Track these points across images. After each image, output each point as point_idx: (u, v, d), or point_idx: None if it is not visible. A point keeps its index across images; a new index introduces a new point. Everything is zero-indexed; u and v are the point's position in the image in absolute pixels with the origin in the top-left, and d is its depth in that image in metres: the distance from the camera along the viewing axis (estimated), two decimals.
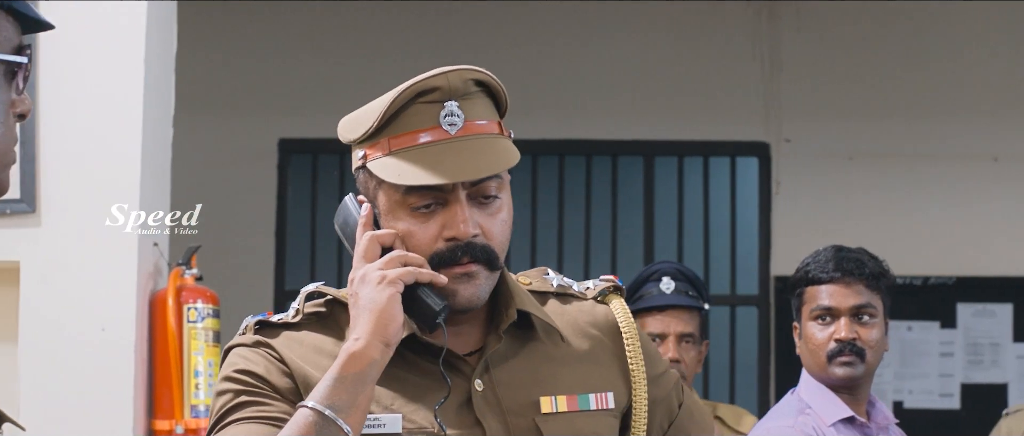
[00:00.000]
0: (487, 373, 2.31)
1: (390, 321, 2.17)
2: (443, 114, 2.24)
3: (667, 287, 4.53)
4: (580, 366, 2.38)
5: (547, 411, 2.30)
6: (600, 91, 7.74)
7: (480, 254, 2.25)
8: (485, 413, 2.27)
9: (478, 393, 2.28)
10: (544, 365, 2.35)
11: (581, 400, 2.34)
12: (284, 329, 2.32)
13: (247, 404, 2.24)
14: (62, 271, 4.60)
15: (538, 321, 2.36)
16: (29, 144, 4.55)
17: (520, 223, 7.91)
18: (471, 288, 2.25)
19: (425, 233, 2.24)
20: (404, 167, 2.21)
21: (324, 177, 7.90)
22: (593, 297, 2.48)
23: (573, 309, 2.45)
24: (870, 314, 3.73)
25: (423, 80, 2.25)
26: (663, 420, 2.48)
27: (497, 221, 2.28)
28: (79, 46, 4.63)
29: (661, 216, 7.91)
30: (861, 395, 3.76)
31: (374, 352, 2.15)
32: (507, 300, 2.34)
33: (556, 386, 2.33)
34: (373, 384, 2.17)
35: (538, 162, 7.92)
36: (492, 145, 2.27)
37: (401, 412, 2.25)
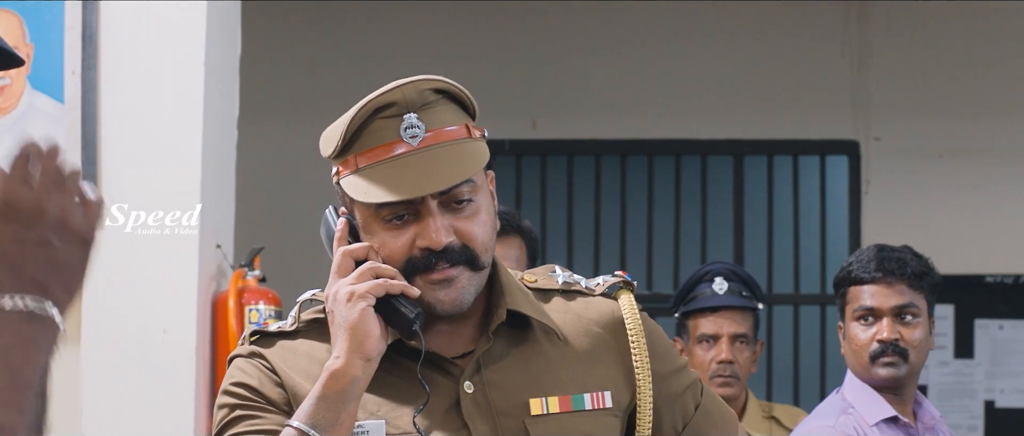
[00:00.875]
0: (478, 374, 2.26)
1: (366, 337, 2.15)
2: (403, 127, 2.21)
3: (719, 288, 4.45)
4: (578, 365, 2.32)
5: (537, 413, 2.26)
6: (689, 91, 7.60)
7: (458, 257, 2.21)
8: (473, 416, 2.23)
9: (467, 395, 2.25)
10: (539, 365, 2.30)
11: (575, 400, 2.28)
12: (280, 338, 2.31)
13: (242, 418, 2.23)
14: (124, 273, 4.52)
15: (535, 320, 2.31)
16: (91, 147, 4.49)
17: (609, 223, 7.80)
18: (453, 292, 2.22)
19: (398, 243, 2.21)
20: (371, 184, 2.20)
21: None
22: (601, 293, 2.41)
23: (578, 306, 2.38)
24: (913, 314, 3.65)
25: (377, 97, 2.22)
26: (676, 420, 2.40)
27: (475, 222, 2.23)
28: (140, 48, 4.58)
29: (750, 216, 7.77)
30: (906, 395, 3.68)
31: (354, 370, 2.13)
32: (498, 300, 2.30)
33: (549, 387, 2.28)
34: (357, 400, 2.15)
35: (627, 162, 7.81)
36: (457, 152, 2.23)
37: (386, 417, 2.22)
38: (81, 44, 4.51)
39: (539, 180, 7.83)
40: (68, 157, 1.71)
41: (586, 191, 7.81)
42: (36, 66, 4.53)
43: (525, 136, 7.71)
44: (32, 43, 4.54)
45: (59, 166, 1.68)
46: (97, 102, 4.53)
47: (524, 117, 7.67)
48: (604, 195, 7.81)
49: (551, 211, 7.81)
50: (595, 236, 7.82)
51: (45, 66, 4.53)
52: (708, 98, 7.62)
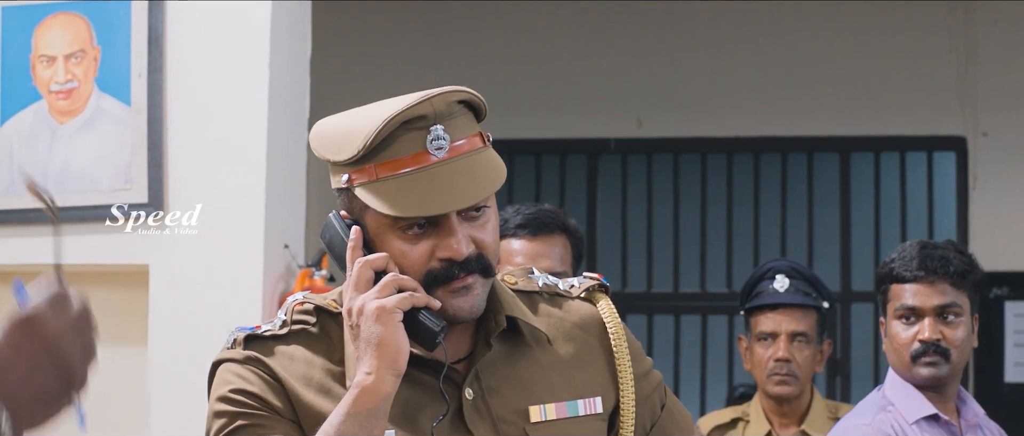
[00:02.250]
0: (477, 381, 2.20)
1: (398, 353, 2.07)
2: (430, 139, 2.11)
3: (780, 285, 4.27)
4: (568, 371, 2.27)
5: (536, 420, 2.21)
6: (796, 87, 7.39)
7: (475, 266, 2.15)
8: (475, 422, 2.17)
9: (468, 402, 2.18)
10: (533, 371, 2.24)
11: (569, 406, 2.24)
12: (275, 343, 2.20)
13: (246, 427, 2.14)
14: (190, 274, 4.44)
15: (525, 326, 2.25)
16: (156, 148, 4.40)
17: (715, 221, 7.59)
18: (470, 300, 2.16)
19: (417, 254, 2.14)
20: (394, 196, 2.11)
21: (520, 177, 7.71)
22: (578, 296, 2.36)
23: (560, 310, 2.33)
24: (955, 313, 3.47)
25: (409, 108, 2.10)
26: (646, 420, 2.36)
27: (488, 231, 2.17)
28: (205, 50, 4.48)
29: (857, 213, 7.50)
30: (948, 393, 3.50)
31: (387, 386, 2.06)
32: (496, 306, 2.23)
33: (545, 394, 2.23)
34: (386, 417, 2.08)
35: (733, 160, 7.57)
36: (480, 164, 2.15)
37: (395, 428, 2.14)
38: (147, 47, 4.44)
39: (645, 179, 7.64)
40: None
41: (692, 189, 7.61)
42: (103, 69, 4.46)
43: (630, 135, 7.53)
44: (99, 46, 4.46)
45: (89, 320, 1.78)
46: (163, 104, 4.45)
47: (629, 116, 7.51)
48: (710, 193, 7.59)
49: (657, 209, 7.61)
50: (701, 234, 7.63)
51: (112, 69, 4.46)
52: (814, 95, 7.39)
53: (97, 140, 4.45)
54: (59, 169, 4.46)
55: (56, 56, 4.49)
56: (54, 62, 4.49)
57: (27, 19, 4.51)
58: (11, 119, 4.50)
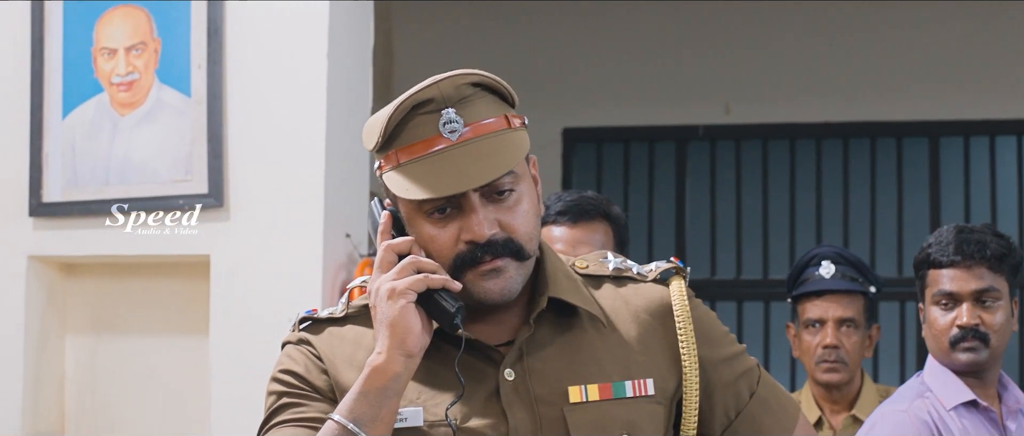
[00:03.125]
0: (520, 362, 2.16)
1: (407, 334, 2.06)
2: (442, 122, 2.11)
3: (826, 271, 4.18)
4: (623, 352, 2.21)
5: (576, 401, 2.15)
6: (884, 72, 7.19)
7: (503, 249, 2.11)
8: (512, 403, 2.13)
9: (508, 383, 2.15)
10: (582, 353, 2.20)
11: (616, 388, 2.17)
12: (329, 325, 2.23)
13: (288, 406, 2.16)
14: (251, 264, 4.41)
15: (581, 308, 2.21)
16: (217, 140, 4.35)
17: (804, 206, 7.41)
18: (500, 282, 2.12)
19: (444, 238, 2.12)
20: (412, 179, 2.10)
21: (609, 165, 7.52)
22: (653, 279, 2.29)
23: (627, 293, 2.27)
24: (993, 298, 3.35)
25: (415, 94, 2.11)
26: (728, 408, 2.27)
27: (516, 213, 2.12)
28: (264, 42, 4.43)
29: (947, 197, 7.28)
30: (988, 378, 3.39)
31: (396, 366, 2.05)
32: (542, 288, 2.20)
33: (591, 374, 2.17)
34: (398, 396, 2.07)
35: (822, 145, 7.40)
36: (497, 144, 2.12)
37: (425, 405, 2.15)
38: (207, 39, 4.39)
39: (734, 165, 7.47)
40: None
41: (781, 176, 7.43)
42: (164, 61, 4.43)
43: (719, 121, 7.37)
44: (159, 38, 4.42)
45: None
46: (223, 95, 4.40)
47: (717, 102, 7.35)
48: (798, 179, 7.40)
49: (746, 196, 7.44)
50: (790, 221, 7.44)
51: (172, 61, 4.42)
52: (903, 79, 7.20)
53: (157, 132, 4.40)
54: (120, 161, 4.42)
55: (117, 49, 4.45)
56: (115, 54, 4.45)
57: (88, 13, 4.48)
58: (73, 112, 4.48)
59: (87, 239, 4.47)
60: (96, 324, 4.61)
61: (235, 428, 4.35)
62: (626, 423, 2.16)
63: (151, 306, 4.57)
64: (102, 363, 4.59)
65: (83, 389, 4.61)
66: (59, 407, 4.61)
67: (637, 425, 2.17)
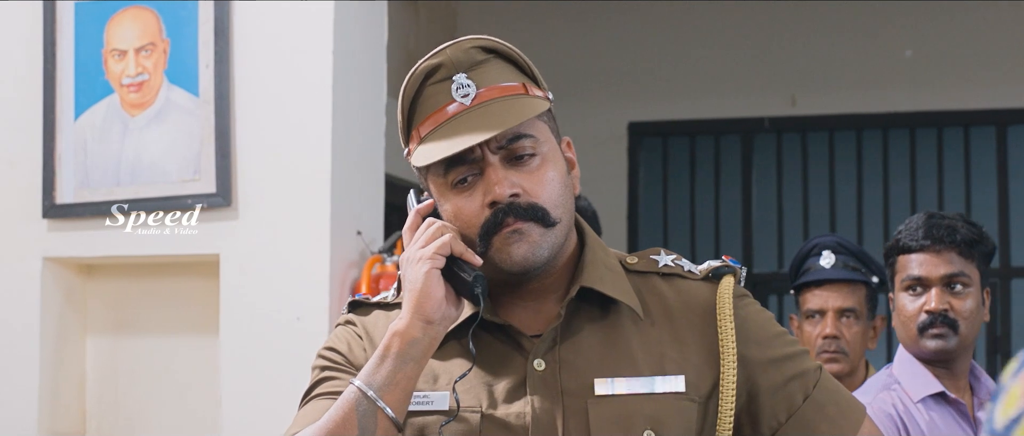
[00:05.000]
0: (552, 352, 2.06)
1: (426, 298, 1.97)
2: (454, 88, 2.03)
3: (826, 261, 3.97)
4: (658, 347, 2.08)
5: (601, 393, 2.04)
6: (951, 61, 6.89)
7: (525, 212, 2.00)
8: (538, 392, 2.03)
9: (536, 373, 2.04)
10: (616, 346, 2.07)
11: (645, 383, 2.04)
12: (377, 308, 2.18)
13: (327, 380, 2.09)
14: (259, 262, 4.27)
15: (620, 301, 2.09)
16: (224, 139, 4.21)
17: (871, 198, 7.09)
18: (525, 246, 2.01)
19: (470, 206, 2.02)
20: (430, 148, 2.02)
21: (675, 159, 7.26)
22: (703, 277, 2.15)
23: (673, 289, 2.14)
24: (963, 283, 3.15)
25: (425, 61, 2.05)
26: (777, 411, 2.10)
27: (539, 178, 2.02)
28: (271, 39, 4.29)
29: (1015, 186, 6.92)
30: (958, 369, 3.19)
31: (414, 331, 1.97)
32: (577, 277, 2.09)
33: (621, 368, 2.05)
34: (416, 362, 1.98)
35: (889, 135, 7.10)
36: (510, 105, 2.03)
37: (453, 390, 2.06)
38: (214, 38, 4.25)
39: (800, 157, 7.18)
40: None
41: (847, 166, 7.12)
42: (172, 61, 4.30)
43: (784, 113, 7.08)
44: (168, 38, 4.29)
45: None
46: (230, 94, 4.27)
47: (783, 94, 7.07)
48: (866, 170, 7.09)
49: (812, 188, 7.15)
50: (857, 211, 7.15)
51: (181, 61, 4.29)
52: (970, 68, 6.89)
53: (167, 131, 4.28)
54: (131, 161, 4.31)
55: (127, 50, 4.34)
56: (125, 56, 4.33)
57: (99, 14, 4.37)
58: (85, 113, 4.37)
59: (100, 240, 4.36)
60: (115, 324, 4.51)
61: (245, 425, 4.22)
62: (651, 419, 2.03)
63: (167, 305, 4.46)
64: (121, 362, 4.49)
65: (104, 389, 4.51)
66: (80, 407, 4.51)
67: (663, 422, 2.03)
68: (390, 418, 1.96)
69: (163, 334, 4.45)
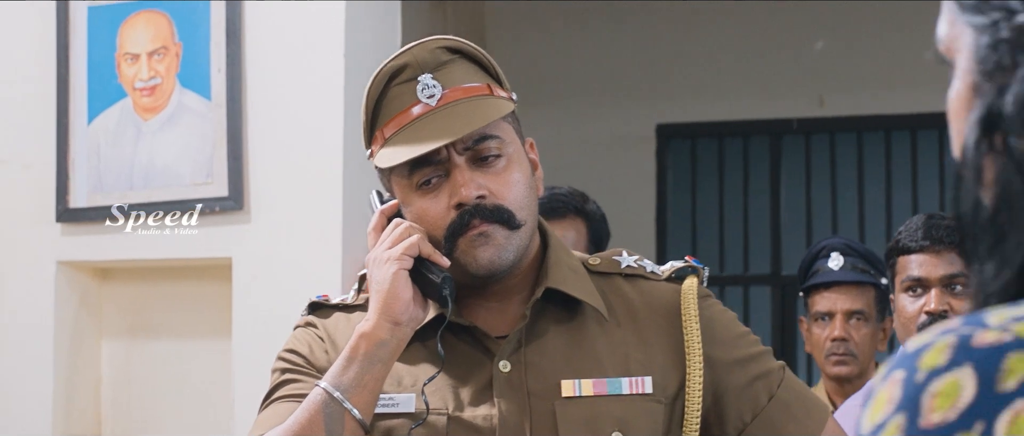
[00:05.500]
0: (517, 353, 2.05)
1: (394, 299, 1.96)
2: (420, 88, 2.02)
3: (835, 263, 3.96)
4: (624, 349, 2.08)
5: (568, 395, 2.03)
6: None
7: (491, 214, 2.01)
8: (504, 395, 2.02)
9: (502, 374, 2.04)
10: (581, 347, 2.07)
11: (611, 384, 2.04)
12: (338, 310, 2.18)
13: (289, 382, 2.11)
14: (271, 265, 4.24)
15: (586, 302, 2.09)
16: (236, 142, 4.16)
17: (901, 200, 6.98)
18: (490, 250, 2.01)
19: (436, 207, 2.02)
20: (396, 150, 2.02)
21: (703, 161, 7.18)
22: (666, 278, 2.16)
23: (637, 290, 2.14)
24: (963, 284, 3.09)
25: (391, 61, 2.05)
26: (743, 411, 2.10)
27: (505, 180, 2.02)
28: (282, 41, 4.24)
29: None
30: None
31: (381, 332, 1.96)
32: (541, 279, 2.09)
33: (587, 369, 2.05)
34: (383, 364, 1.97)
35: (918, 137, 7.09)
36: (476, 106, 2.02)
37: (418, 392, 2.05)
38: (226, 41, 4.20)
39: (828, 158, 7.08)
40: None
41: (876, 168, 7.02)
42: (185, 65, 4.26)
43: (813, 114, 6.99)
44: (180, 42, 4.24)
45: None
46: (243, 98, 4.22)
47: (811, 95, 6.97)
48: (895, 171, 6.99)
49: (841, 190, 7.05)
50: (887, 213, 7.04)
51: (193, 64, 4.25)
52: None
53: (180, 135, 4.24)
54: (144, 165, 4.27)
55: (140, 53, 4.29)
56: (138, 59, 4.29)
57: (112, 18, 4.33)
58: (98, 117, 4.33)
59: (114, 243, 4.32)
60: (130, 328, 4.47)
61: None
62: (618, 420, 2.02)
63: (181, 309, 4.42)
64: (136, 366, 4.45)
65: (118, 392, 4.47)
66: (95, 410, 4.47)
67: (630, 423, 2.03)
68: (357, 420, 1.94)
69: (178, 338, 4.41)
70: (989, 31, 0.98)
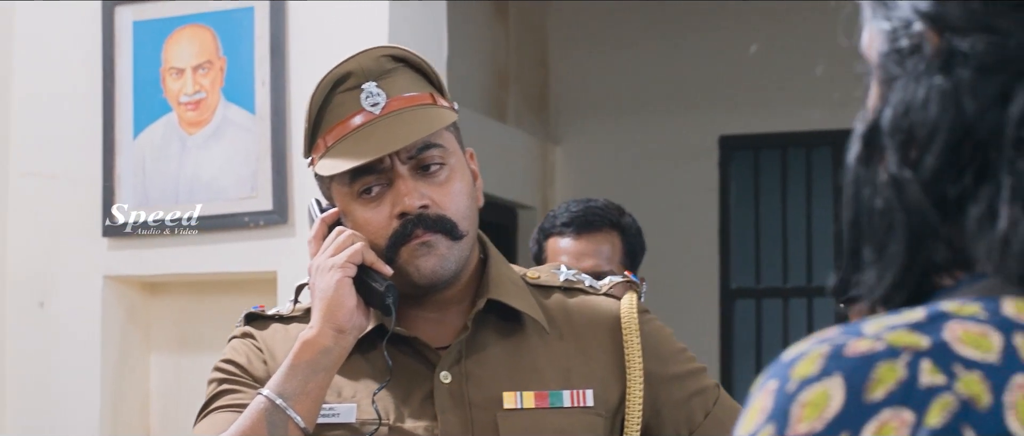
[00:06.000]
0: (458, 365, 2.03)
1: (338, 307, 1.94)
2: (363, 96, 2.00)
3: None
4: (565, 362, 2.06)
5: (510, 406, 2.02)
6: None
7: (434, 224, 1.99)
8: (445, 406, 2.01)
9: (442, 385, 2.02)
10: (523, 359, 2.06)
11: (553, 397, 2.03)
12: (275, 321, 2.13)
13: (227, 393, 2.06)
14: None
15: (526, 315, 2.07)
16: (280, 156, 4.14)
17: None
18: (433, 259, 1.99)
19: (378, 217, 2.00)
20: (338, 158, 2.00)
21: (766, 172, 7.06)
22: (605, 293, 2.15)
23: (577, 304, 2.13)
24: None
25: (335, 69, 2.03)
26: (679, 427, 2.10)
27: (446, 191, 2.00)
28: (325, 54, 4.09)
29: None
30: None
31: (325, 339, 1.93)
32: (483, 290, 2.07)
33: (528, 382, 2.04)
34: (327, 372, 1.95)
35: None
36: (420, 115, 2.00)
37: (359, 403, 2.02)
38: (269, 56, 4.17)
39: None
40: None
41: None
42: (229, 79, 4.24)
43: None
44: (225, 56, 4.23)
45: None
46: (286, 111, 4.19)
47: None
48: None
49: None
50: None
51: (237, 78, 4.24)
52: None
53: (224, 149, 4.21)
54: (189, 180, 4.25)
55: (185, 68, 4.28)
56: (183, 74, 4.27)
57: (157, 33, 4.31)
58: (144, 132, 4.31)
59: (160, 258, 4.31)
60: (178, 342, 4.45)
61: None
62: (560, 433, 2.02)
63: (228, 323, 4.35)
64: (184, 380, 4.43)
65: (167, 406, 4.46)
66: (143, 424, 4.46)
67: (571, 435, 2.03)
68: (301, 428, 1.93)
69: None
70: (889, 38, 0.98)
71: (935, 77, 0.93)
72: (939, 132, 0.92)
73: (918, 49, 0.95)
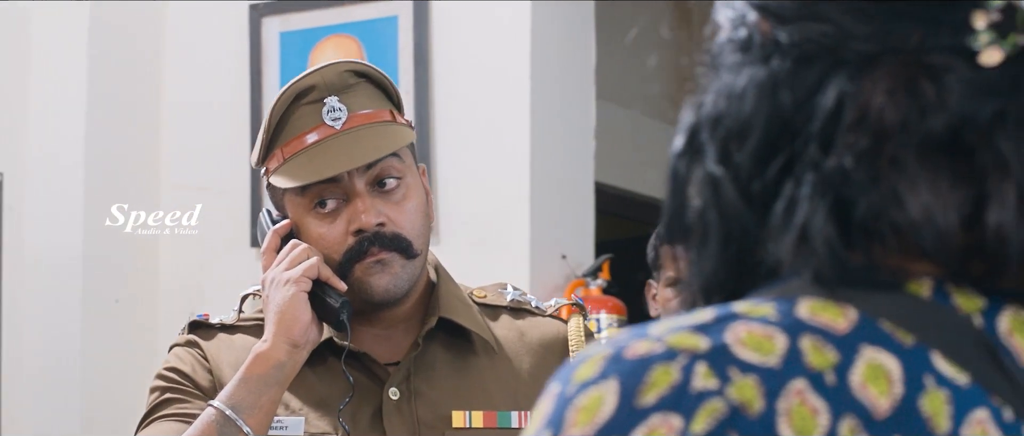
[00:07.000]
0: (406, 382, 2.00)
1: (294, 322, 1.92)
2: (325, 111, 1.97)
3: None
4: (513, 382, 2.04)
5: (459, 426, 1.99)
6: None
7: (390, 242, 1.96)
8: (394, 424, 1.98)
9: (391, 402, 1.98)
10: (472, 379, 2.03)
11: (501, 417, 2.01)
12: (220, 331, 2.10)
13: (170, 402, 2.02)
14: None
15: (475, 334, 2.05)
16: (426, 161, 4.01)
17: None
18: (386, 277, 1.96)
19: (334, 232, 1.97)
20: (296, 171, 1.97)
21: None
22: (551, 314, 2.13)
23: (524, 325, 2.11)
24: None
25: (298, 81, 1.99)
26: None
27: (403, 209, 1.98)
28: (469, 62, 4.19)
29: None
30: None
31: (279, 353, 1.91)
32: (433, 308, 2.05)
33: (478, 401, 2.01)
34: (280, 386, 1.92)
35: None
36: (380, 132, 1.98)
37: (307, 416, 2.00)
38: (413, 65, 4.13)
39: None
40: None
41: None
42: None
43: None
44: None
45: None
46: (429, 121, 4.14)
47: None
48: None
49: None
50: None
51: None
52: None
53: None
54: None
55: None
56: None
57: (303, 43, 4.29)
58: None
59: None
60: None
61: None
62: None
63: None
64: None
65: None
66: None
67: None
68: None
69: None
70: (729, 28, 0.90)
71: (754, 68, 0.86)
72: (754, 126, 0.85)
73: (751, 40, 0.88)
